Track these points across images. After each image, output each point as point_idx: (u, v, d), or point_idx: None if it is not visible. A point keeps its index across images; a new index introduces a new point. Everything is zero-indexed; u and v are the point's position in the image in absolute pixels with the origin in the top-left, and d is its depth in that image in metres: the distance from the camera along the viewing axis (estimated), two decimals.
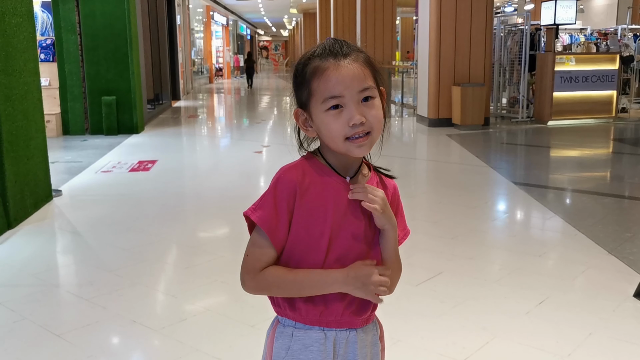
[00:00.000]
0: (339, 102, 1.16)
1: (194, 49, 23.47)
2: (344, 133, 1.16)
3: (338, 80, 1.15)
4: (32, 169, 4.76)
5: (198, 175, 6.81)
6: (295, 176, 1.20)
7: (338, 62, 1.15)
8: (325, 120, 1.17)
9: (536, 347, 2.55)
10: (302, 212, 1.20)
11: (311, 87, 1.17)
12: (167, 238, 4.23)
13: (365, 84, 1.16)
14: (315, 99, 1.17)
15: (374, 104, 1.18)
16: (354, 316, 1.26)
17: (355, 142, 1.17)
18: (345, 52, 1.17)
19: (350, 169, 1.25)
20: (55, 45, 8.98)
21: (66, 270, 3.70)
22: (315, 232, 1.21)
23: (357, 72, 1.16)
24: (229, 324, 2.80)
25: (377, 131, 1.19)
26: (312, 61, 1.18)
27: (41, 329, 2.76)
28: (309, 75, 1.17)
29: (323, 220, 1.20)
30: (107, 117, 9.16)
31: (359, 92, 1.16)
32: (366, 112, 1.16)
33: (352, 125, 1.15)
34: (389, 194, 1.29)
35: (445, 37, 9.67)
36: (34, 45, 4.99)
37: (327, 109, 1.16)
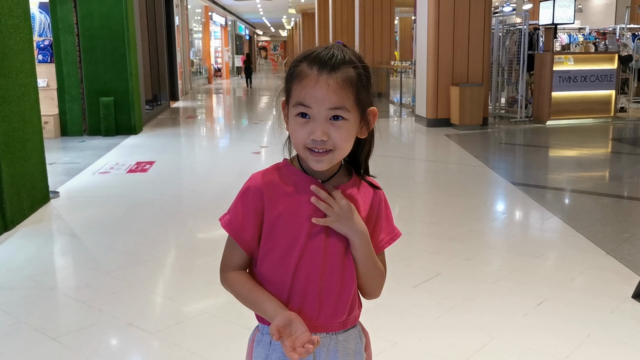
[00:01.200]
0: (307, 111, 1.15)
1: (193, 50, 23.45)
2: (304, 142, 1.17)
3: (312, 91, 1.14)
4: (29, 171, 4.75)
5: (196, 176, 6.80)
6: (263, 181, 1.23)
7: (320, 75, 1.14)
8: (293, 123, 1.19)
9: (534, 349, 2.54)
10: (271, 216, 1.22)
11: (291, 87, 1.18)
12: (164, 240, 4.21)
13: (337, 103, 1.14)
14: (291, 100, 1.18)
15: (342, 125, 1.16)
16: (329, 319, 1.24)
17: (314, 155, 1.17)
18: (333, 64, 1.14)
19: (322, 174, 1.23)
20: (53, 46, 8.97)
21: (63, 273, 3.68)
22: (290, 233, 1.22)
23: (334, 90, 1.13)
24: (226, 327, 2.78)
25: (340, 151, 1.18)
26: (303, 62, 1.18)
27: (37, 332, 2.74)
28: (294, 75, 1.18)
29: (295, 226, 1.21)
30: (105, 118, 9.15)
31: (329, 109, 1.14)
32: (331, 131, 1.15)
33: (312, 139, 1.15)
34: (367, 202, 1.28)
35: (444, 37, 9.66)
36: (31, 47, 4.97)
37: (296, 114, 1.17)
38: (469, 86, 9.53)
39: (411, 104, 12.26)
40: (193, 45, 23.77)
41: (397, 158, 7.49)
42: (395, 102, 14.91)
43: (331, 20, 20.39)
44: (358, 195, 1.27)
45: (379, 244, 1.29)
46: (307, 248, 1.21)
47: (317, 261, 1.21)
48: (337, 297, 1.24)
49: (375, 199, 1.30)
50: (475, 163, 6.89)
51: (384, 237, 1.31)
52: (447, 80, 9.77)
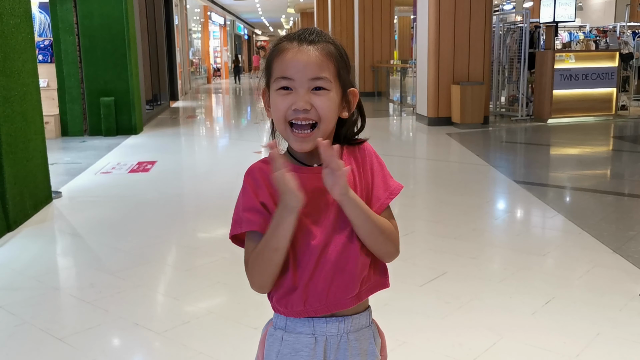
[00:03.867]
0: (288, 84, 1.14)
1: (192, 49, 23.43)
2: (286, 115, 1.14)
3: (292, 62, 1.13)
4: (32, 171, 4.73)
5: (198, 176, 6.78)
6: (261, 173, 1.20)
7: (300, 47, 1.14)
8: (274, 99, 1.17)
9: (544, 348, 2.52)
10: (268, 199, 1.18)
11: (272, 66, 1.18)
12: (167, 239, 4.19)
13: (319, 73, 1.13)
14: (272, 78, 1.17)
15: (324, 94, 1.14)
16: (340, 295, 1.18)
17: (297, 135, 1.15)
18: (312, 39, 1.16)
19: (313, 157, 1.20)
20: (53, 46, 8.95)
21: (67, 273, 3.66)
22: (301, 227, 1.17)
23: (315, 60, 1.13)
24: (232, 327, 2.77)
25: (326, 123, 1.15)
26: (280, 42, 1.18)
27: (42, 332, 2.73)
28: (273, 54, 1.18)
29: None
30: (106, 118, 9.13)
31: (310, 79, 1.13)
32: (314, 100, 1.13)
33: (294, 110, 1.13)
34: (353, 162, 1.23)
35: (444, 35, 9.65)
36: (32, 46, 4.95)
37: (278, 89, 1.15)
38: (470, 85, 9.51)
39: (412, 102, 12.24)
40: (192, 45, 23.75)
41: (399, 157, 7.47)
42: (395, 101, 14.90)
43: (330, 20, 20.36)
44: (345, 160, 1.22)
45: (378, 202, 1.23)
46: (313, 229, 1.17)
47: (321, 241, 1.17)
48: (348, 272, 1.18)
49: (360, 155, 1.25)
50: (477, 161, 6.88)
51: (381, 193, 1.24)
52: (448, 79, 9.76)
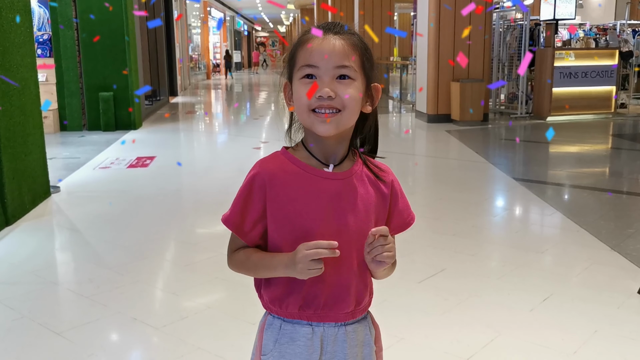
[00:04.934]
0: (313, 72, 1.13)
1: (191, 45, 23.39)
2: (309, 103, 1.13)
3: (317, 50, 1.13)
4: (30, 165, 4.72)
5: (197, 171, 6.77)
6: (263, 170, 1.20)
7: (325, 36, 1.14)
8: (297, 88, 1.16)
9: (542, 345, 2.52)
10: (275, 205, 1.18)
11: (296, 56, 1.17)
12: (166, 235, 4.19)
13: (344, 61, 1.13)
14: (296, 68, 1.16)
15: (349, 84, 1.14)
16: (335, 309, 1.21)
17: (320, 116, 1.13)
18: (337, 30, 1.16)
19: (332, 156, 1.21)
20: (52, 40, 8.93)
21: (65, 268, 3.66)
22: (297, 226, 1.17)
23: (340, 48, 1.13)
24: (231, 322, 2.77)
25: (349, 111, 1.15)
26: (305, 34, 1.18)
27: (41, 327, 2.73)
28: (297, 45, 1.17)
29: (302, 214, 1.17)
30: (105, 113, 9.12)
31: (335, 67, 1.13)
32: (338, 89, 1.13)
33: (318, 97, 1.12)
34: (386, 187, 1.26)
35: (444, 32, 9.64)
36: (31, 41, 4.94)
37: (302, 77, 1.15)
38: (470, 82, 9.51)
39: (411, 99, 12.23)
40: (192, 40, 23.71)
41: (398, 154, 7.47)
42: (395, 98, 14.89)
43: (330, 16, 20.35)
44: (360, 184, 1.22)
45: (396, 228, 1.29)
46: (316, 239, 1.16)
47: None
48: (347, 289, 1.21)
49: (392, 184, 1.27)
50: (477, 159, 6.88)
51: (400, 222, 1.29)
52: (448, 76, 9.75)
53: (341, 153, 1.22)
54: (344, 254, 1.16)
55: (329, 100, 1.12)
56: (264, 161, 1.22)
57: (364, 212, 1.21)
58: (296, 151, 1.23)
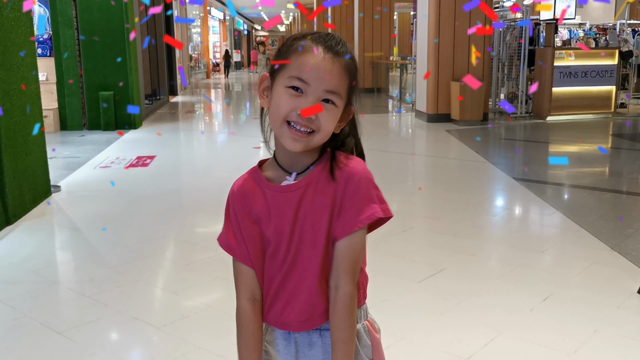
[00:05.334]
0: (302, 86, 1.11)
1: (191, 44, 23.39)
2: (287, 115, 1.12)
3: (315, 67, 1.11)
4: (31, 165, 4.72)
5: (197, 170, 6.78)
6: (234, 189, 1.24)
7: (325, 54, 1.12)
8: (281, 94, 1.13)
9: (542, 345, 2.53)
10: (242, 224, 1.21)
11: (289, 59, 1.14)
12: (166, 234, 4.20)
13: (335, 87, 1.12)
14: (285, 72, 1.13)
15: (331, 109, 1.13)
16: (292, 318, 1.21)
17: (293, 132, 1.12)
18: (337, 50, 1.13)
19: (297, 164, 1.20)
20: (53, 40, 8.93)
21: (66, 267, 3.67)
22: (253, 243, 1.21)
23: (336, 73, 1.12)
24: (232, 322, 2.74)
25: (323, 134, 1.13)
26: (303, 39, 1.14)
27: (42, 326, 2.73)
28: (293, 48, 1.14)
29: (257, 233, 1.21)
30: (105, 112, 9.12)
31: (325, 91, 1.12)
32: (321, 113, 1.11)
33: (298, 114, 1.11)
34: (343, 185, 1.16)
35: (444, 32, 9.64)
36: (32, 40, 4.94)
37: (289, 86, 1.12)
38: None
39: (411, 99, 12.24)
40: (192, 40, 23.71)
41: (398, 153, 7.48)
42: (394, 98, 14.89)
43: (330, 15, 20.34)
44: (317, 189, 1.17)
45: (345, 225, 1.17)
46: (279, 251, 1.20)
47: (287, 264, 1.19)
48: (302, 295, 1.20)
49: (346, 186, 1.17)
50: (476, 158, 6.88)
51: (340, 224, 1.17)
52: (448, 76, 9.76)
53: (307, 162, 1.20)
54: (301, 262, 1.18)
55: (308, 121, 1.12)
56: (236, 183, 1.25)
57: (318, 218, 1.17)
58: (268, 165, 1.25)
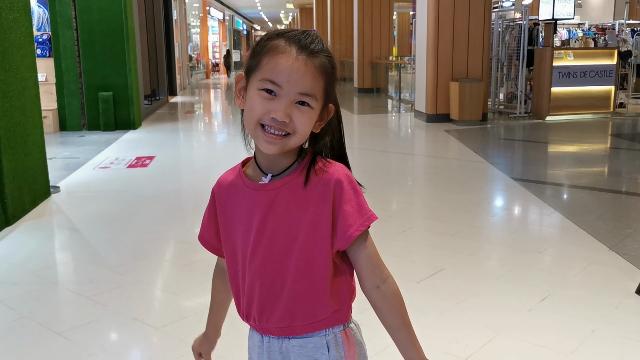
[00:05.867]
0: (274, 89, 1.08)
1: (191, 44, 23.39)
2: (260, 118, 1.10)
3: (286, 70, 1.07)
4: (30, 166, 4.73)
5: (196, 171, 6.79)
6: (219, 180, 1.26)
7: (298, 55, 1.08)
8: (254, 97, 1.11)
9: (540, 345, 2.54)
10: (220, 219, 1.24)
11: (261, 61, 1.10)
12: (166, 235, 4.20)
13: (309, 89, 1.09)
14: (258, 74, 1.10)
15: (306, 112, 1.10)
16: (271, 324, 1.19)
17: (266, 134, 1.10)
18: (312, 49, 1.09)
19: (274, 166, 1.17)
20: (52, 40, 8.93)
21: (65, 268, 3.67)
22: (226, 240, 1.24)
23: (309, 75, 1.08)
24: (231, 322, 2.75)
25: (298, 137, 1.11)
26: (277, 38, 1.11)
27: (41, 327, 2.74)
28: (266, 49, 1.10)
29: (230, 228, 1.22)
30: (104, 113, 9.13)
31: (299, 93, 1.08)
32: (295, 115, 1.09)
33: (272, 118, 1.08)
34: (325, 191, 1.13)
35: (443, 32, 9.65)
36: (31, 41, 4.95)
37: (261, 89, 1.09)
38: (469, 82, 9.52)
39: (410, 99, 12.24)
40: (191, 40, 23.71)
41: (397, 153, 7.49)
42: (393, 97, 14.90)
43: (329, 15, 20.34)
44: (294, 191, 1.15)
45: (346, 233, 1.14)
46: (247, 251, 1.18)
47: (255, 265, 1.18)
48: (276, 302, 1.17)
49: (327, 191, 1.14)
50: (475, 158, 6.89)
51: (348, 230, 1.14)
52: (447, 76, 9.76)
53: (283, 164, 1.17)
54: (271, 266, 1.17)
55: (282, 124, 1.09)
56: (222, 175, 1.26)
57: (295, 220, 1.14)
58: (250, 164, 1.24)
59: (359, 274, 1.19)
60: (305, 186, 1.14)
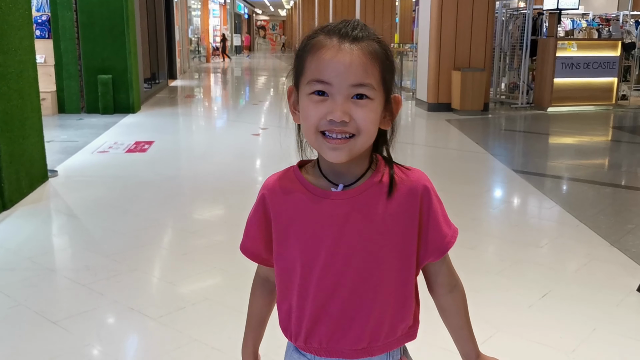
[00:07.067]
0: (324, 88, 0.97)
1: (191, 28, 23.22)
2: (318, 124, 0.98)
3: (331, 64, 0.96)
4: (28, 149, 4.68)
5: (195, 157, 6.74)
6: (268, 188, 1.11)
7: (341, 45, 0.97)
8: (305, 105, 1.00)
9: (540, 343, 2.52)
10: (278, 226, 1.09)
11: (304, 63, 1.00)
12: (164, 222, 4.17)
13: (362, 79, 0.97)
14: (304, 78, 1.00)
15: (366, 104, 0.98)
16: (343, 345, 1.08)
17: (330, 141, 0.99)
18: (355, 35, 0.98)
19: (344, 175, 1.06)
20: (51, 21, 8.84)
21: (63, 254, 3.64)
22: (297, 250, 1.08)
23: (358, 62, 0.96)
24: (228, 313, 2.75)
25: (365, 136, 0.99)
26: (317, 35, 1.01)
27: (37, 315, 2.71)
28: (307, 49, 1.00)
29: (301, 237, 1.07)
30: (103, 96, 9.05)
31: (352, 85, 0.97)
32: (354, 111, 0.97)
33: (329, 120, 0.97)
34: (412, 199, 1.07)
35: (446, 20, 9.56)
36: (30, 23, 4.88)
37: (311, 93, 0.99)
38: (471, 71, 9.45)
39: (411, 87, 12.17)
40: (192, 23, 23.53)
41: (397, 142, 7.41)
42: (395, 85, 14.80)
43: (331, 1, 20.18)
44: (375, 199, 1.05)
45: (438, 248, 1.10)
46: (317, 266, 1.05)
47: (329, 281, 1.06)
48: (352, 321, 1.07)
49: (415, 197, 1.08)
50: (476, 149, 6.85)
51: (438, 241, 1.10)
52: (449, 65, 9.69)
53: (356, 172, 1.06)
54: (348, 282, 1.05)
55: (342, 125, 0.97)
56: (271, 179, 1.12)
57: (377, 233, 1.05)
58: (308, 168, 1.11)
59: (434, 280, 1.16)
60: (389, 197, 1.05)
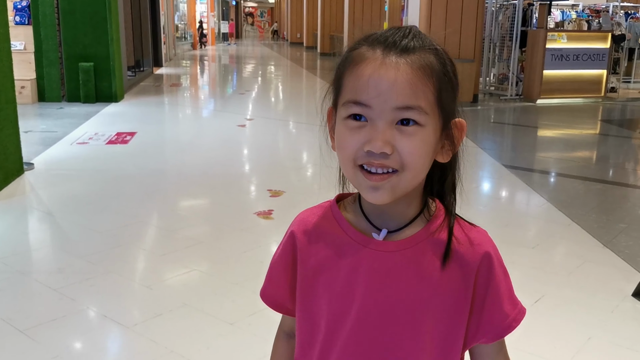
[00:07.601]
0: (363, 112, 0.79)
1: (177, 14, 22.89)
2: (355, 156, 0.80)
3: (371, 81, 0.77)
4: (2, 142, 4.50)
5: (179, 150, 6.56)
6: (298, 225, 0.93)
7: (385, 58, 0.78)
8: (341, 131, 0.82)
9: (534, 354, 2.40)
10: (304, 272, 0.91)
11: (342, 80, 0.82)
12: (144, 220, 4.01)
13: (409, 100, 0.77)
14: (341, 98, 0.82)
15: (414, 133, 0.78)
16: None
17: (369, 177, 0.80)
18: (405, 45, 0.79)
19: (389, 217, 0.87)
20: (31, 7, 8.58)
21: (34, 255, 3.47)
22: (312, 307, 0.90)
23: (405, 79, 0.77)
24: (207, 322, 2.61)
25: (412, 172, 0.80)
26: (359, 45, 0.82)
27: (4, 322, 2.55)
28: (347, 62, 0.82)
29: (330, 289, 0.88)
30: (85, 84, 8.83)
31: (396, 109, 0.77)
32: (398, 140, 0.78)
33: (367, 151, 0.79)
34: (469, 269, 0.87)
35: (436, 10, 9.42)
36: (4, 10, 4.67)
37: (347, 117, 0.80)
38: (461, 62, 9.32)
39: None
40: (178, 9, 23.19)
41: None
42: None
43: None
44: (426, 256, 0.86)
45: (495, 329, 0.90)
46: (344, 326, 0.88)
47: (354, 346, 0.88)
48: None
49: (481, 266, 0.88)
50: (465, 142, 6.71)
51: (500, 324, 0.90)
52: None
53: (405, 214, 0.88)
54: (379, 349, 0.87)
55: (382, 157, 0.78)
56: (303, 214, 0.95)
57: (421, 301, 0.86)
58: (348, 203, 0.93)
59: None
60: (444, 265, 0.86)
